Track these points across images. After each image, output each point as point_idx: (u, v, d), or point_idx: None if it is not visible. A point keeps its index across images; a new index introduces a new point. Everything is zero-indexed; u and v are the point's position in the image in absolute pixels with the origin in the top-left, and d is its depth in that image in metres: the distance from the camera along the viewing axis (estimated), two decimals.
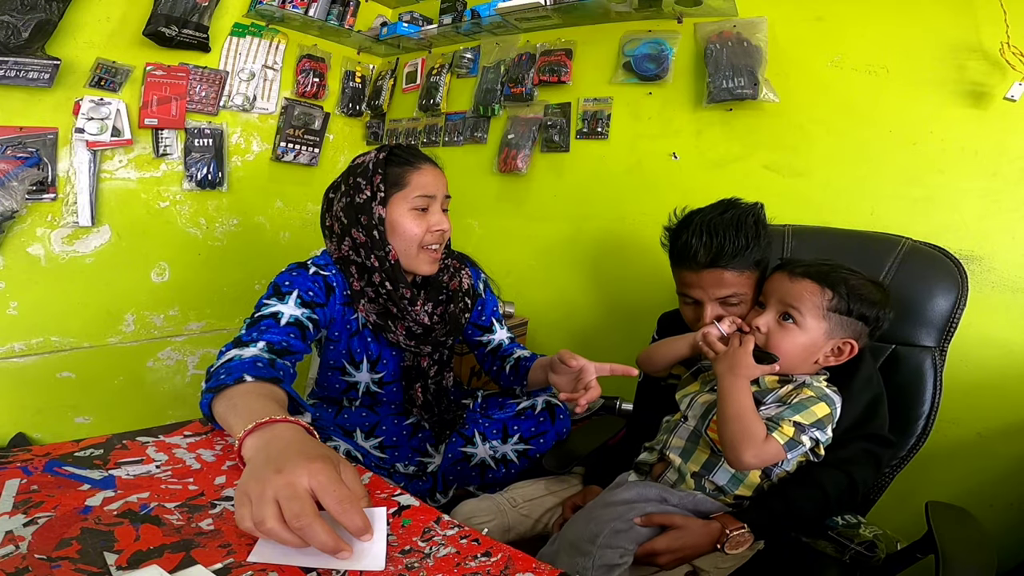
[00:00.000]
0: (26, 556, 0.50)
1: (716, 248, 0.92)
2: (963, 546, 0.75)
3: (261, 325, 0.89)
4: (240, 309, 2.18)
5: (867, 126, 1.36)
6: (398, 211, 1.01)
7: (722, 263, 0.92)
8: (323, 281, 1.00)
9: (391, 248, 1.01)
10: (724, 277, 0.93)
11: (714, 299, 0.95)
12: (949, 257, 0.99)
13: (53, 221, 1.69)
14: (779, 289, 0.87)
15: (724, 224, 0.93)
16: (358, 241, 1.01)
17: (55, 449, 0.71)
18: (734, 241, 0.91)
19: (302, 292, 0.96)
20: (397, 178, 1.02)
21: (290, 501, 0.50)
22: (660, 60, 1.62)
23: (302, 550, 0.52)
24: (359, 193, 1.01)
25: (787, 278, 0.87)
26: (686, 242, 0.95)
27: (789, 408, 0.82)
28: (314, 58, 2.16)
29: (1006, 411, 1.21)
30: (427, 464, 1.12)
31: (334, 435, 1.11)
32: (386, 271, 1.01)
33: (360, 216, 1.01)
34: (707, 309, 0.95)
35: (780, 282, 0.88)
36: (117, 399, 1.89)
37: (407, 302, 1.04)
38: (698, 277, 0.95)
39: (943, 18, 1.25)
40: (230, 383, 0.73)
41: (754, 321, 0.87)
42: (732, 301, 0.94)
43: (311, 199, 2.32)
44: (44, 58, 1.54)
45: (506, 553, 0.59)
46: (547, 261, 1.92)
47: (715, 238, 0.92)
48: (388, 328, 1.05)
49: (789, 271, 0.88)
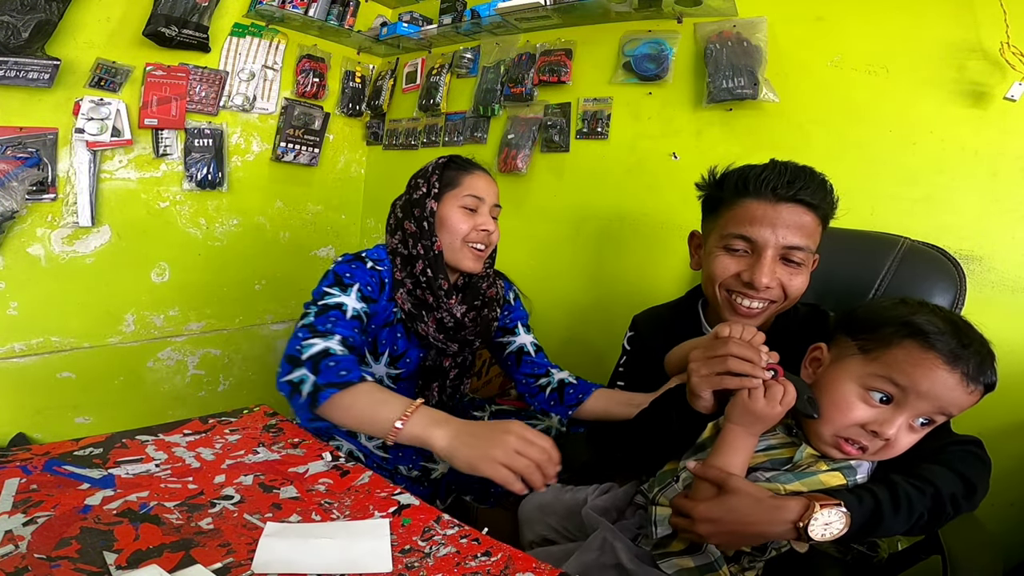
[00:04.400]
0: (26, 555, 0.50)
1: (800, 178, 0.77)
2: (970, 547, 0.75)
3: (331, 315, 0.94)
4: (240, 309, 2.18)
5: (867, 126, 1.36)
6: (448, 207, 1.08)
7: (807, 197, 0.77)
8: (378, 276, 1.06)
9: (437, 239, 1.07)
10: (804, 219, 0.77)
11: (782, 245, 0.78)
12: (947, 257, 0.99)
13: (53, 221, 1.69)
14: (942, 394, 0.64)
15: (806, 170, 0.80)
16: (408, 231, 1.09)
17: (54, 448, 0.71)
18: (818, 184, 0.78)
19: (362, 286, 1.02)
20: (451, 179, 1.11)
21: (529, 447, 0.73)
22: (660, 60, 1.62)
23: (305, 555, 0.52)
24: (416, 191, 1.11)
25: (961, 385, 0.64)
26: (763, 171, 0.79)
27: (791, 474, 0.69)
28: (314, 58, 2.16)
29: (1006, 411, 1.20)
30: (431, 470, 1.12)
31: (336, 434, 1.11)
32: (429, 259, 1.07)
33: (414, 209, 1.09)
34: (766, 256, 0.78)
35: (945, 385, 0.64)
36: (117, 399, 1.89)
37: (443, 293, 1.08)
38: (774, 211, 0.77)
39: (943, 18, 1.25)
40: (355, 380, 0.85)
41: (886, 430, 0.65)
42: (796, 258, 0.78)
43: (311, 199, 2.33)
44: (44, 58, 1.54)
45: (506, 553, 0.59)
46: (547, 261, 1.92)
47: (798, 174, 0.78)
48: (421, 318, 1.08)
49: (962, 372, 0.64)
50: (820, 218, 0.80)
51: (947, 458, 0.68)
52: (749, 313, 0.83)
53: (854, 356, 0.67)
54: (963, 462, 0.68)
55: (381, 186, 2.46)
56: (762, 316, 0.83)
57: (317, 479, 0.74)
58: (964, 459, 0.69)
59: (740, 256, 0.82)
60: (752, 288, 0.80)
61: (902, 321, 0.64)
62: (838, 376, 0.68)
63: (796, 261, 0.79)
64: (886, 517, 0.64)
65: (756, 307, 0.82)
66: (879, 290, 0.99)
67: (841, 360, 0.69)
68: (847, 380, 0.67)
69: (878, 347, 0.65)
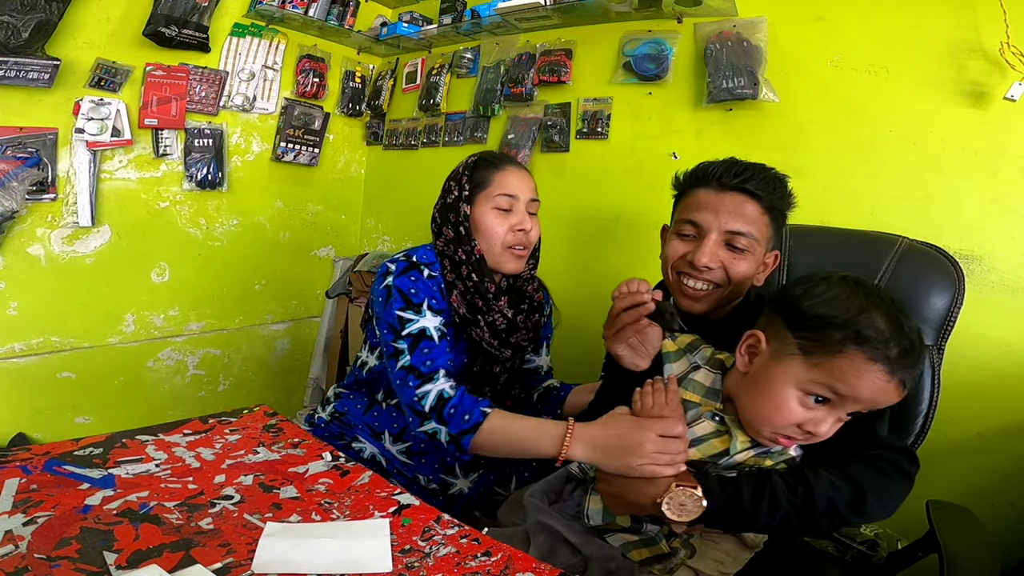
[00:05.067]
0: (25, 555, 0.50)
1: (748, 170, 0.83)
2: (967, 545, 0.75)
3: (423, 347, 0.95)
4: (240, 309, 2.18)
5: (867, 126, 1.36)
6: (481, 210, 1.05)
7: (750, 187, 0.82)
8: (436, 283, 1.04)
9: (476, 244, 1.05)
10: (746, 207, 0.82)
11: (724, 230, 0.82)
12: (946, 256, 0.99)
13: (53, 221, 1.69)
14: (877, 399, 0.65)
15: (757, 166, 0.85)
16: (448, 238, 1.06)
17: (54, 448, 0.71)
18: (767, 176, 0.83)
19: (430, 299, 1.00)
20: (482, 179, 1.07)
21: (667, 444, 0.74)
22: (660, 60, 1.62)
23: (305, 555, 0.53)
24: (450, 194, 1.08)
25: (897, 390, 0.65)
26: (714, 165, 0.85)
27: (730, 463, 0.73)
28: (314, 58, 2.16)
29: (1006, 411, 1.20)
30: (450, 485, 1.09)
31: (361, 435, 1.11)
32: (472, 264, 1.05)
33: (450, 214, 1.07)
34: (709, 239, 0.83)
35: (883, 392, 0.65)
36: (117, 399, 1.89)
37: (491, 296, 1.06)
38: (717, 198, 0.83)
39: (943, 18, 1.25)
40: (481, 420, 0.88)
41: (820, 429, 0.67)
42: (740, 244, 0.82)
43: (311, 199, 2.33)
44: (44, 58, 1.54)
45: (506, 553, 0.59)
46: (547, 261, 1.92)
47: (746, 167, 0.84)
48: (475, 322, 1.06)
49: (899, 379, 0.64)
50: (765, 208, 0.83)
51: (855, 464, 0.68)
52: (695, 295, 0.86)
53: (795, 357, 0.67)
54: (870, 469, 0.68)
55: (381, 186, 2.46)
56: (708, 299, 0.86)
57: (317, 479, 0.74)
58: (874, 467, 0.68)
59: (689, 240, 0.87)
60: (695, 268, 0.84)
61: (850, 328, 0.63)
62: (779, 378, 0.68)
63: (739, 247, 0.82)
64: (745, 508, 0.67)
65: (700, 288, 0.85)
66: None
67: (781, 359, 0.68)
68: (788, 384, 0.67)
69: (821, 352, 0.64)
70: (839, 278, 0.70)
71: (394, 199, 2.38)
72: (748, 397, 0.72)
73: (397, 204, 2.37)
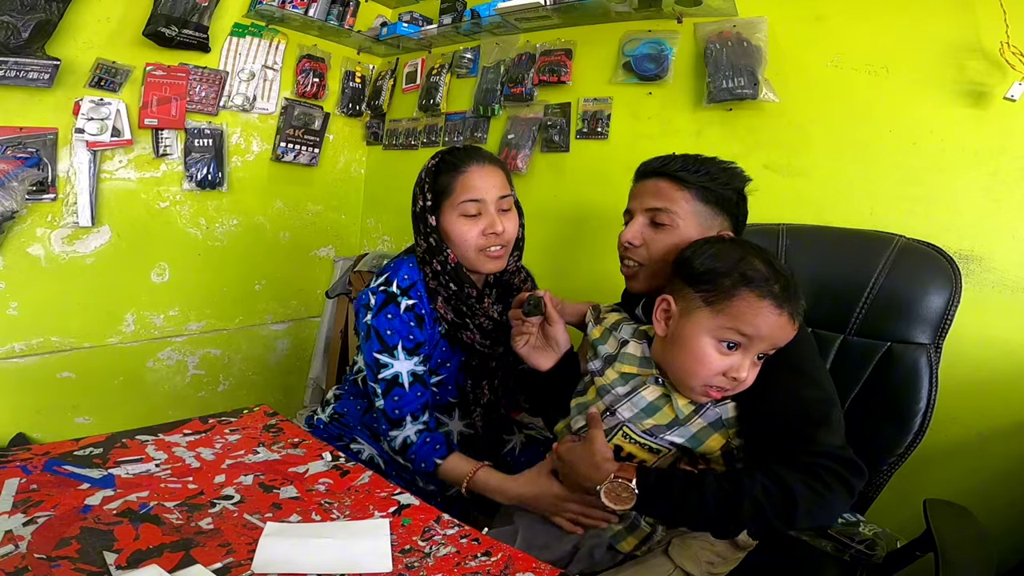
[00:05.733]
0: (25, 555, 0.50)
1: (669, 159, 0.91)
2: (962, 544, 0.75)
3: (394, 395, 1.00)
4: (240, 309, 2.18)
5: (867, 126, 1.35)
6: (448, 218, 1.03)
7: (665, 170, 0.90)
8: (414, 316, 1.02)
9: (449, 252, 1.03)
10: (660, 186, 0.90)
11: (644, 209, 0.92)
12: (942, 254, 0.99)
13: (53, 221, 1.69)
14: (776, 334, 0.74)
15: (691, 155, 0.92)
16: (423, 247, 1.06)
17: (54, 448, 0.71)
18: (690, 160, 0.90)
19: (405, 343, 1.01)
20: (444, 185, 1.03)
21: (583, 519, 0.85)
22: (660, 60, 1.62)
23: (305, 555, 0.53)
24: (416, 203, 1.06)
25: (789, 323, 0.74)
26: (648, 160, 0.94)
27: (678, 430, 0.78)
28: (314, 58, 2.16)
29: (1006, 411, 1.20)
30: (448, 487, 1.09)
31: (360, 437, 1.11)
32: (449, 273, 1.04)
33: (420, 224, 1.05)
34: (634, 220, 0.92)
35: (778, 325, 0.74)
36: (117, 399, 1.89)
37: (474, 300, 1.06)
38: (641, 186, 0.94)
39: (943, 18, 1.25)
40: (432, 469, 0.98)
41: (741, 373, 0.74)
42: (661, 220, 0.89)
43: (311, 199, 2.33)
44: (44, 58, 1.54)
45: (506, 553, 0.59)
46: (546, 261, 1.92)
47: (674, 157, 0.91)
48: (465, 326, 1.06)
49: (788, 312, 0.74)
50: (681, 185, 0.89)
51: (793, 472, 0.69)
52: (627, 273, 0.95)
53: (701, 309, 0.75)
54: (807, 478, 0.68)
55: (381, 186, 2.46)
56: (639, 278, 0.93)
57: (317, 479, 0.74)
58: (812, 476, 0.68)
59: (627, 226, 0.96)
60: (623, 247, 0.94)
61: (738, 272, 0.73)
62: (693, 332, 0.75)
63: (659, 222, 0.89)
64: (673, 502, 0.72)
65: (629, 265, 0.94)
66: (874, 289, 0.99)
67: (690, 314, 0.76)
68: (701, 334, 0.74)
69: (720, 299, 0.73)
70: (720, 239, 0.83)
71: (394, 199, 2.38)
72: (672, 357, 0.78)
73: (397, 204, 2.37)
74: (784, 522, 0.69)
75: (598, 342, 0.90)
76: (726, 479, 0.71)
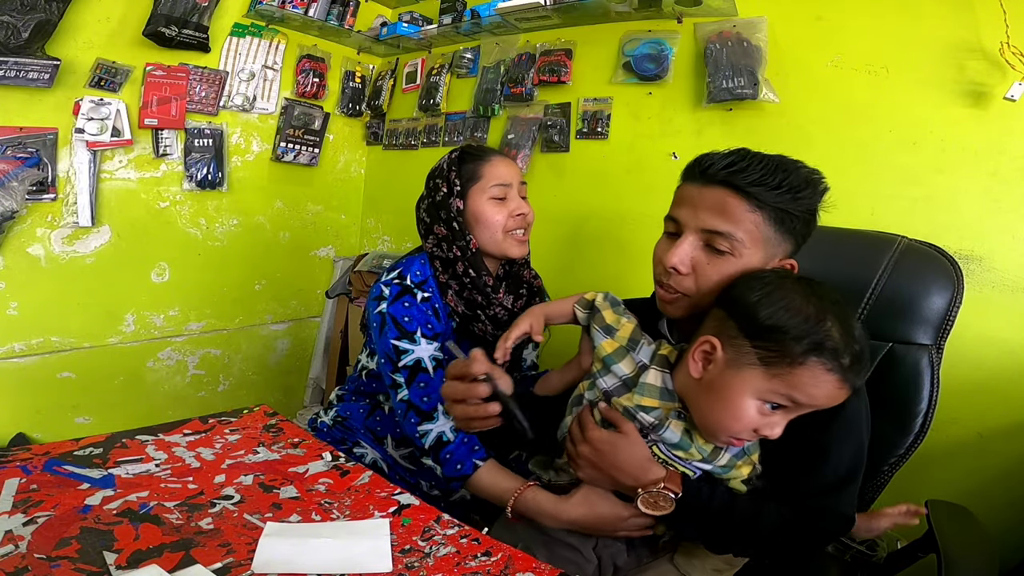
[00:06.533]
0: (25, 555, 0.50)
1: (744, 160, 0.72)
2: (964, 545, 0.75)
3: (419, 381, 0.97)
4: (240, 309, 2.18)
5: (867, 126, 1.36)
6: (477, 202, 1.05)
7: (737, 180, 0.71)
8: (430, 306, 1.03)
9: (471, 238, 1.05)
10: (727, 201, 0.71)
11: (700, 229, 0.73)
12: (944, 255, 0.99)
13: (53, 221, 1.69)
14: (828, 402, 0.67)
15: (765, 157, 0.74)
16: (439, 236, 1.06)
17: (54, 448, 0.71)
18: (769, 168, 0.71)
19: (424, 329, 1.00)
20: (471, 172, 1.07)
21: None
22: (660, 60, 1.62)
23: (305, 555, 0.53)
24: (437, 192, 1.08)
25: (844, 392, 0.66)
26: (709, 155, 0.75)
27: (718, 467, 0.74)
28: (314, 58, 2.16)
29: (1006, 411, 1.20)
30: (452, 491, 1.08)
31: (363, 440, 1.11)
32: (468, 260, 1.05)
33: (440, 212, 1.06)
34: (685, 239, 0.74)
35: (835, 397, 0.66)
36: (117, 399, 1.89)
37: (490, 289, 1.07)
38: (698, 192, 0.74)
39: (943, 18, 1.25)
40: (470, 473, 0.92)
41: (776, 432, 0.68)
42: (720, 246, 0.72)
43: (311, 199, 2.33)
44: (44, 58, 1.54)
45: (506, 553, 0.59)
46: (546, 261, 1.92)
47: (744, 157, 0.73)
48: (476, 318, 1.07)
49: (850, 384, 0.66)
50: (755, 206, 0.71)
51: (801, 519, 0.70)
52: (664, 297, 0.79)
53: (754, 367, 0.65)
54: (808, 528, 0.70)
55: (381, 186, 2.46)
56: (679, 305, 0.78)
57: (317, 479, 0.74)
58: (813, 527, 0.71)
59: (673, 239, 0.77)
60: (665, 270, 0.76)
61: (808, 340, 0.63)
62: (738, 388, 0.66)
63: (719, 249, 0.72)
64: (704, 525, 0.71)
65: (667, 295, 0.78)
66: (876, 290, 0.99)
67: (739, 368, 0.66)
68: (747, 394, 0.65)
69: (782, 364, 0.63)
70: (793, 281, 0.68)
71: (394, 199, 2.38)
72: (705, 405, 0.69)
73: (397, 204, 2.37)
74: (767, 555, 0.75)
75: (610, 359, 0.78)
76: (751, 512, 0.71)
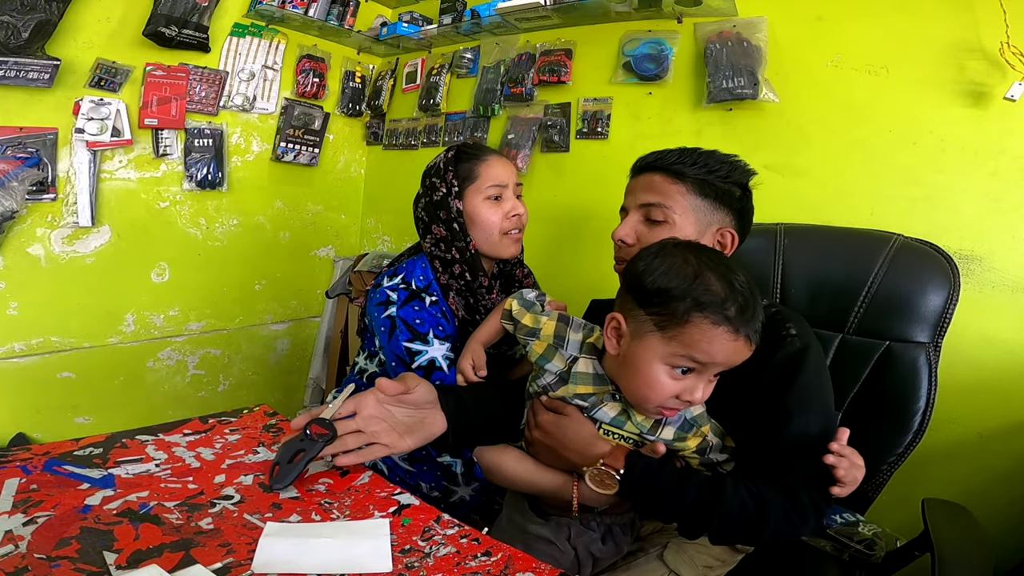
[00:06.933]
0: (25, 555, 0.50)
1: (663, 154, 0.88)
2: (958, 543, 0.75)
3: (435, 380, 0.95)
4: (240, 309, 2.18)
5: (867, 126, 1.36)
6: (474, 203, 1.05)
7: (658, 164, 0.88)
8: (439, 309, 1.04)
9: (471, 239, 1.05)
10: (655, 180, 0.87)
11: (638, 205, 0.89)
12: (940, 252, 0.99)
13: (53, 221, 1.69)
14: (731, 358, 0.71)
15: (688, 148, 0.88)
16: (438, 236, 1.06)
17: (54, 448, 0.71)
18: (687, 153, 0.87)
19: (435, 331, 1.01)
20: (468, 172, 1.07)
21: None
22: (660, 60, 1.62)
23: (305, 555, 0.53)
24: (435, 192, 1.07)
25: (745, 346, 0.70)
26: (643, 155, 0.92)
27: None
28: (314, 58, 2.16)
29: (1006, 411, 1.20)
30: (452, 493, 1.07)
31: None
32: (466, 261, 1.05)
33: (439, 212, 1.06)
34: (629, 217, 0.90)
35: (733, 350, 0.70)
36: (117, 399, 1.89)
37: (484, 291, 1.07)
38: (635, 181, 0.92)
39: (943, 18, 1.25)
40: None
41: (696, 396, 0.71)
42: (655, 216, 0.86)
43: (311, 199, 2.33)
44: (44, 58, 1.54)
45: (506, 553, 0.59)
46: (546, 261, 1.92)
47: (670, 150, 0.88)
48: (473, 321, 1.07)
49: (744, 335, 0.70)
50: (676, 179, 0.86)
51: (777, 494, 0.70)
52: (619, 271, 0.91)
53: (652, 334, 0.70)
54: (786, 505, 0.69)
55: (381, 186, 2.46)
56: None
57: (317, 479, 0.74)
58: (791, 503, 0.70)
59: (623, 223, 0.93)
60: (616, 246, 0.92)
61: (692, 297, 0.68)
62: (644, 356, 0.71)
63: (654, 219, 0.87)
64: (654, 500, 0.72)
65: (620, 266, 0.91)
66: (872, 288, 0.99)
67: (642, 338, 0.71)
68: (653, 360, 0.70)
69: (673, 325, 0.68)
70: (672, 246, 0.75)
71: (394, 199, 2.38)
72: (626, 379, 0.75)
73: (397, 204, 2.37)
74: (750, 540, 0.73)
75: (542, 360, 0.83)
76: (709, 486, 0.71)
